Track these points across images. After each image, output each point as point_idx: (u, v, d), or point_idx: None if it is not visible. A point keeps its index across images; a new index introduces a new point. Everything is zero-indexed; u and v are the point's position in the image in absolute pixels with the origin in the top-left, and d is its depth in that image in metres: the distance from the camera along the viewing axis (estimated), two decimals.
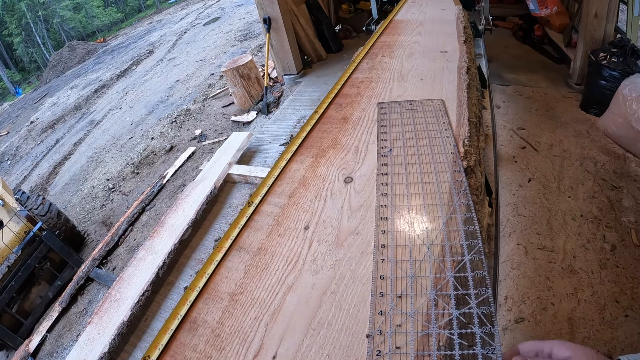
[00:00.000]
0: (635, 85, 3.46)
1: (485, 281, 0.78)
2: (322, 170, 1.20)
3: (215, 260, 0.97)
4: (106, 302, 2.64)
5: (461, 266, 0.82)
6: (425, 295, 0.79)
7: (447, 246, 0.88)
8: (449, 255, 0.86)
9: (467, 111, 1.32)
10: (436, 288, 0.80)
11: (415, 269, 0.85)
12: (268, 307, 0.84)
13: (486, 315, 0.73)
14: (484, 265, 0.81)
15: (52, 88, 14.40)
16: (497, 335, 0.71)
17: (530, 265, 2.78)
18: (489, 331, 0.71)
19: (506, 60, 5.66)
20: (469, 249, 0.85)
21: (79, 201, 5.57)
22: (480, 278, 0.79)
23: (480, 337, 0.70)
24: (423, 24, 2.44)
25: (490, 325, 0.71)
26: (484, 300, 0.75)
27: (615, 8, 4.17)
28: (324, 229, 0.99)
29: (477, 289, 0.77)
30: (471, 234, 0.89)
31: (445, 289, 0.79)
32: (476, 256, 0.83)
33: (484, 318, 0.73)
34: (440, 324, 0.74)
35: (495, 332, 0.70)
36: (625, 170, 3.38)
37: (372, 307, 0.79)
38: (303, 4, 6.00)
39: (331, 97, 1.62)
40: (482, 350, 0.69)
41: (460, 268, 0.82)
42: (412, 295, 0.80)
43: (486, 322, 0.72)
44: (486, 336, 0.70)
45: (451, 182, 1.03)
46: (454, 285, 0.79)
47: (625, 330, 2.35)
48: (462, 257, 0.84)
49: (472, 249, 0.85)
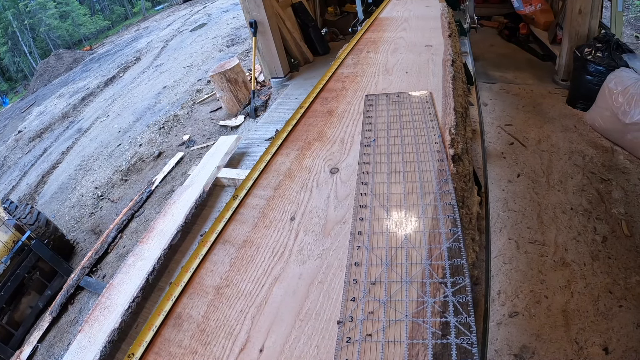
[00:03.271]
0: (621, 78, 3.49)
1: (463, 269, 0.76)
2: (307, 162, 1.18)
3: (200, 254, 0.94)
4: (96, 309, 2.61)
5: (438, 254, 0.80)
6: (400, 282, 0.77)
7: (425, 234, 0.86)
8: (426, 243, 0.83)
9: (453, 101, 1.32)
10: (411, 276, 0.78)
11: (390, 256, 0.83)
12: (254, 300, 0.82)
13: (462, 305, 0.71)
14: (463, 253, 0.79)
15: (39, 97, 14.28)
16: (472, 325, 0.69)
17: (522, 259, 2.79)
18: (465, 320, 0.69)
19: (492, 58, 5.70)
20: (448, 237, 0.83)
21: (68, 210, 5.51)
22: (458, 266, 0.77)
23: (455, 326, 0.68)
24: (408, 20, 2.44)
25: (465, 315, 0.69)
26: (461, 289, 0.73)
27: (599, 4, 4.22)
28: (310, 219, 0.97)
29: (454, 277, 0.75)
30: (451, 222, 0.87)
31: (421, 277, 0.77)
32: (455, 244, 0.81)
33: (460, 307, 0.71)
34: (414, 312, 0.72)
35: (471, 322, 0.68)
36: (614, 163, 3.41)
37: (345, 294, 0.77)
38: (289, 7, 6.02)
39: (316, 91, 1.60)
40: (456, 340, 0.67)
41: (437, 256, 0.80)
42: (386, 283, 0.78)
43: (462, 311, 0.70)
44: (461, 325, 0.69)
45: (434, 171, 1.02)
46: (430, 273, 0.77)
47: (620, 321, 2.36)
48: (439, 244, 0.82)
49: (451, 237, 0.83)
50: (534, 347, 2.32)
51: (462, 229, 0.85)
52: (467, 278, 0.73)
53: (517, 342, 2.36)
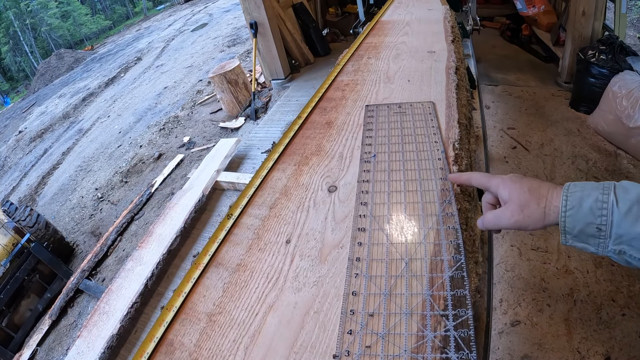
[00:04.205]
0: (625, 82, 3.45)
1: (466, 301, 0.72)
2: (305, 178, 1.14)
3: (193, 277, 0.91)
4: (95, 314, 2.58)
5: (440, 284, 0.76)
6: (399, 314, 0.73)
7: (427, 261, 0.81)
8: (427, 272, 0.79)
9: (457, 113, 1.28)
10: (411, 307, 0.74)
11: (390, 285, 0.79)
12: (247, 329, 0.78)
13: (464, 339, 0.67)
14: (466, 283, 0.75)
15: (40, 97, 14.29)
16: None
17: (525, 266, 2.75)
18: (466, 357, 0.64)
19: (494, 60, 5.66)
20: (450, 266, 0.79)
21: (68, 211, 5.49)
22: (460, 297, 0.73)
23: None
24: (410, 24, 2.40)
25: (467, 351, 0.65)
26: (463, 322, 0.69)
27: (603, 5, 4.18)
28: (306, 242, 0.93)
29: (456, 309, 0.71)
30: (454, 248, 0.82)
31: (421, 309, 0.73)
32: (458, 273, 0.77)
33: (461, 342, 0.66)
34: (413, 346, 0.68)
35: (473, 358, 0.64)
36: (617, 167, 3.37)
37: (342, 326, 0.73)
38: (290, 8, 5.98)
39: (315, 101, 1.57)
40: None
41: (439, 286, 0.76)
42: (384, 314, 0.74)
43: (464, 346, 0.66)
44: None
45: (436, 191, 0.97)
46: (431, 304, 0.73)
47: (622, 329, 2.33)
48: (442, 273, 0.78)
49: (453, 265, 0.79)
50: (536, 357, 2.29)
51: (465, 253, 0.81)
52: (469, 310, 0.69)
53: (519, 351, 2.33)
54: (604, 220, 0.64)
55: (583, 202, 0.66)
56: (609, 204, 0.64)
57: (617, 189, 0.65)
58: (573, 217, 0.67)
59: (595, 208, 0.65)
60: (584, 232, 0.67)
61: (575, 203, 0.67)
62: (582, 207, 0.66)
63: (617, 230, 0.63)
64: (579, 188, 0.68)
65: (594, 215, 0.65)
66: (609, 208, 0.64)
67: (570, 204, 0.68)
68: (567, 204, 0.68)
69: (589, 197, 0.66)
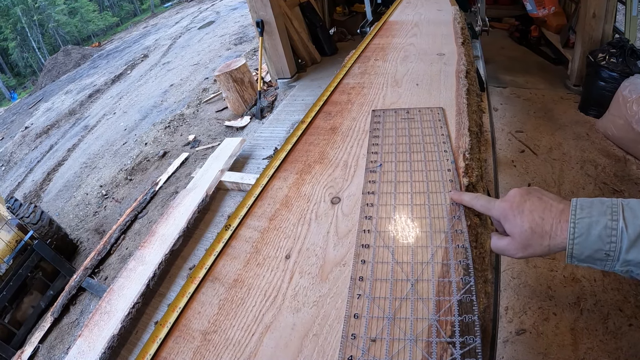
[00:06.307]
0: (636, 86, 3.39)
1: (475, 327, 0.67)
2: (307, 188, 1.09)
3: (188, 292, 0.87)
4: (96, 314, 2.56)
5: (447, 308, 0.71)
6: (403, 340, 0.68)
7: (434, 283, 0.76)
8: (433, 295, 0.74)
9: (467, 120, 1.23)
10: (416, 333, 0.69)
11: (394, 308, 0.74)
12: (243, 350, 0.74)
13: None
14: (474, 308, 0.70)
15: (46, 93, 14.32)
16: None
17: (531, 274, 2.70)
18: None
19: (503, 61, 5.60)
20: (459, 288, 0.74)
21: (72, 208, 5.49)
22: (469, 324, 0.68)
23: None
24: (418, 25, 2.35)
25: None
26: (471, 350, 0.64)
27: (613, 8, 4.12)
28: (307, 258, 0.88)
29: (464, 336, 0.66)
30: (463, 269, 0.77)
31: (427, 335, 0.68)
32: (466, 297, 0.72)
33: None
34: None
35: None
36: (626, 173, 3.31)
37: (342, 351, 0.69)
38: (297, 6, 5.94)
39: (320, 104, 1.52)
40: None
41: (446, 310, 0.71)
42: (387, 340, 0.69)
43: None
44: None
45: (445, 206, 0.92)
46: (437, 330, 0.68)
47: (629, 340, 2.28)
48: (449, 297, 0.73)
49: (462, 287, 0.74)
50: None
51: (475, 273, 0.77)
52: (478, 338, 0.65)
53: None
54: (612, 247, 0.63)
55: (591, 229, 0.65)
56: (618, 231, 0.62)
57: (626, 212, 0.63)
58: (581, 245, 0.66)
59: (604, 235, 0.63)
60: (591, 257, 0.66)
61: (583, 231, 0.65)
62: (590, 234, 0.64)
63: (626, 257, 0.62)
64: (586, 213, 0.66)
65: (603, 242, 0.63)
66: (617, 235, 0.62)
67: (578, 232, 0.66)
68: (574, 231, 0.66)
69: (597, 225, 0.64)
